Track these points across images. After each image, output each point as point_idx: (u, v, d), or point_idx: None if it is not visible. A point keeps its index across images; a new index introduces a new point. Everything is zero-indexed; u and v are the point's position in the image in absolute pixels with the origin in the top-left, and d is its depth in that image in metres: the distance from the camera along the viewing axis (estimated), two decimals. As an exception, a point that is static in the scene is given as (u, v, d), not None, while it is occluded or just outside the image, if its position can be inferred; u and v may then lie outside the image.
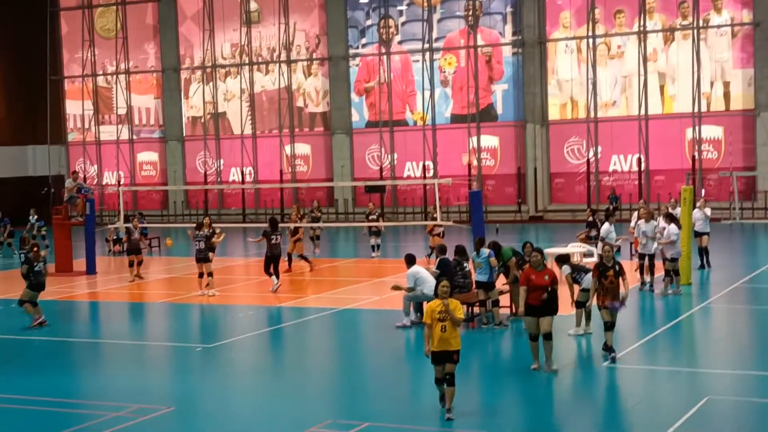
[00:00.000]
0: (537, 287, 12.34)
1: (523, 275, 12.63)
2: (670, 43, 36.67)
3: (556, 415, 11.09)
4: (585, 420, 10.66)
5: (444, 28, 39.86)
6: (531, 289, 12.36)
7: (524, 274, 12.61)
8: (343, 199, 41.07)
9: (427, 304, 9.82)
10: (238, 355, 14.95)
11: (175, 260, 27.86)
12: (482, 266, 15.84)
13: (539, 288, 12.32)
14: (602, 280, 12.75)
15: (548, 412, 11.15)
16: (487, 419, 10.72)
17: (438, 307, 10.44)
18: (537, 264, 12.58)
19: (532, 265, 12.63)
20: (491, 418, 10.82)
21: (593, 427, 10.38)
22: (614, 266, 12.81)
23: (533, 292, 12.35)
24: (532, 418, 10.85)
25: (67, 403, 11.91)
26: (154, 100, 45.13)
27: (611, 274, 12.75)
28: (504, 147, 39.11)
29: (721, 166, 35.50)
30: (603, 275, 12.76)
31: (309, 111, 42.33)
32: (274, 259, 20.55)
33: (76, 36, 45.82)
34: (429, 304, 10.54)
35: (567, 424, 10.62)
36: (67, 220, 25.73)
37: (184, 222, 40.39)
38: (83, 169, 45.40)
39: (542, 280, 12.38)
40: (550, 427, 10.59)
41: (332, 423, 10.59)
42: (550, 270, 12.69)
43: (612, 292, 12.71)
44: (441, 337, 10.41)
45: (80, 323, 18.87)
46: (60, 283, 23.13)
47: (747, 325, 16.15)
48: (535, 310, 12.37)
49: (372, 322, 17.29)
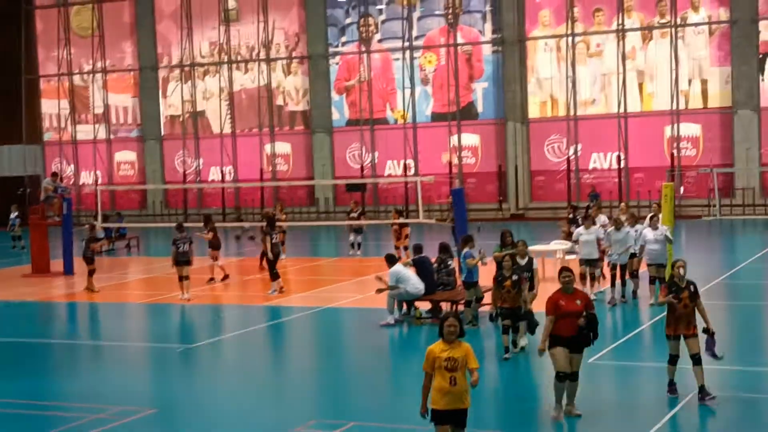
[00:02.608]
0: (568, 314, 10.10)
1: (550, 302, 10.26)
2: (649, 41, 36.82)
3: (539, 411, 11.01)
4: (568, 418, 10.60)
5: (424, 26, 39.81)
6: (560, 317, 10.11)
7: (551, 301, 10.25)
8: (324, 198, 40.92)
9: (428, 348, 8.06)
10: (220, 355, 14.81)
11: (154, 260, 27.62)
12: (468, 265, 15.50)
13: (571, 315, 10.10)
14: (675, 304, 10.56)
15: (532, 407, 11.08)
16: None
17: (444, 353, 8.01)
18: (568, 287, 10.30)
19: (562, 289, 10.31)
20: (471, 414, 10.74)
21: (576, 424, 10.32)
22: (689, 286, 10.60)
23: (563, 320, 10.09)
24: (515, 416, 10.78)
25: (46, 406, 11.72)
26: (132, 99, 44.77)
27: (686, 296, 10.54)
28: (485, 145, 39.11)
29: (700, 164, 35.70)
30: (676, 297, 10.53)
31: (289, 110, 42.14)
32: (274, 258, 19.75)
33: (51, 34, 45.37)
34: (431, 349, 8.07)
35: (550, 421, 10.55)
36: (44, 220, 25.42)
37: (163, 222, 40.09)
38: (60, 168, 44.96)
39: (574, 305, 10.15)
40: (535, 425, 10.53)
41: (317, 423, 10.49)
42: (582, 292, 10.62)
43: (687, 319, 10.55)
44: (449, 391, 7.98)
45: (58, 324, 18.64)
46: (37, 284, 22.85)
47: (727, 321, 16.18)
48: (567, 341, 10.10)
49: (355, 320, 17.19)
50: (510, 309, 13.16)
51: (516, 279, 13.14)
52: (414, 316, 16.17)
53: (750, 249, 25.41)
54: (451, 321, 8.12)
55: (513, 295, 13.14)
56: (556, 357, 10.16)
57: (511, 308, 13.16)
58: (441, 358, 7.98)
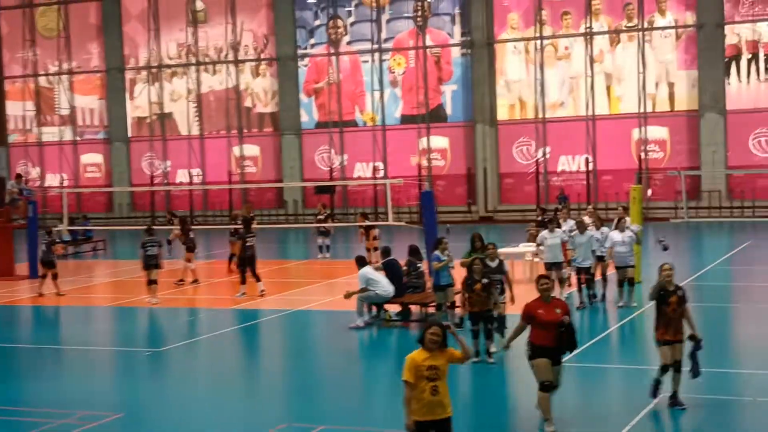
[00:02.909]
0: (547, 324, 9.72)
1: (527, 310, 9.89)
2: (616, 44, 37.11)
3: (512, 413, 11.02)
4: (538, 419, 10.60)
5: (393, 28, 39.82)
6: (539, 327, 9.76)
7: (527, 309, 9.88)
8: (292, 201, 40.77)
9: (407, 357, 7.74)
10: (188, 359, 14.65)
11: (120, 263, 27.33)
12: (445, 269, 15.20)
13: (550, 325, 9.72)
14: (663, 308, 10.35)
15: (503, 411, 11.08)
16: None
17: (426, 361, 7.70)
18: (546, 295, 9.92)
19: (541, 297, 9.94)
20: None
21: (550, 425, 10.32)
22: (677, 291, 10.45)
23: (542, 330, 9.74)
24: (490, 417, 10.76)
25: (11, 411, 11.51)
26: (98, 100, 44.33)
27: (674, 300, 10.37)
28: (454, 147, 39.20)
29: (667, 166, 36.02)
30: (664, 302, 10.34)
31: (257, 111, 41.95)
32: (249, 260, 19.43)
33: (16, 35, 44.81)
34: (411, 357, 7.73)
35: (523, 423, 10.54)
36: (9, 223, 25.04)
37: (130, 225, 39.72)
38: (26, 171, 44.36)
39: (553, 314, 9.78)
40: (505, 427, 10.52)
41: (287, 426, 10.40)
42: (560, 301, 10.25)
43: (675, 325, 10.37)
44: (430, 401, 7.68)
45: (23, 328, 18.36)
46: (1, 288, 22.51)
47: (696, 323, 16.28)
48: (548, 351, 9.74)
49: (325, 323, 17.11)
50: (479, 313, 12.92)
51: (486, 282, 12.89)
52: (383, 319, 16.13)
53: (717, 251, 25.67)
54: (434, 330, 7.75)
55: (483, 299, 12.86)
56: (538, 367, 9.74)
57: (479, 312, 12.92)
58: (423, 367, 7.67)
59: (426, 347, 7.75)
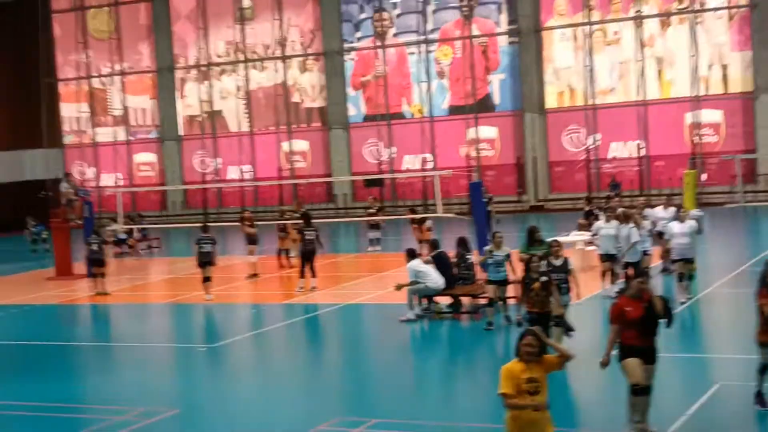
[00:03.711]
0: (636, 322, 8.98)
1: (615, 309, 9.11)
2: (667, 27, 36.49)
3: (569, 407, 10.93)
4: (601, 411, 10.52)
5: (439, 19, 39.66)
6: (628, 326, 8.97)
7: (616, 307, 9.10)
8: (342, 195, 40.91)
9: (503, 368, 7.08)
10: (242, 354, 14.81)
11: (176, 260, 27.71)
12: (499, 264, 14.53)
13: (639, 322, 8.98)
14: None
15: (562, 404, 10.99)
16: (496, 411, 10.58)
17: (524, 373, 6.98)
18: (636, 292, 9.09)
19: (630, 294, 9.15)
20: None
21: (607, 416, 10.23)
22: None
23: (631, 330, 8.95)
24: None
25: (71, 408, 11.77)
26: (150, 100, 44.93)
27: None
28: (503, 137, 38.94)
29: (722, 150, 35.36)
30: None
31: (305, 106, 42.15)
32: (308, 255, 19.45)
33: (69, 38, 45.62)
34: (508, 368, 7.05)
35: (585, 415, 10.46)
36: (66, 223, 25.56)
37: (183, 222, 40.24)
38: (81, 172, 45.26)
39: (640, 310, 9.00)
40: (568, 419, 10.44)
41: (340, 421, 10.45)
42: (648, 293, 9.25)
43: None
44: (530, 420, 6.91)
45: (82, 327, 18.73)
46: (60, 287, 22.99)
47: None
48: (639, 352, 8.99)
49: (376, 317, 17.17)
50: (539, 314, 11.90)
51: (545, 281, 12.01)
52: (434, 311, 16.11)
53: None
54: (529, 340, 7.07)
55: (542, 298, 11.90)
56: (629, 368, 8.97)
57: (540, 313, 11.90)
58: (521, 379, 6.93)
59: (522, 359, 7.07)
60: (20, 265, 28.79)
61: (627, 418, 9.20)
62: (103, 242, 21.36)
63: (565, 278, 12.83)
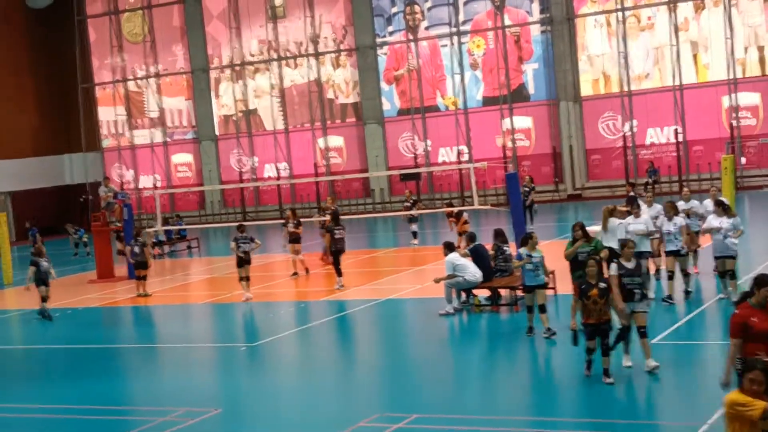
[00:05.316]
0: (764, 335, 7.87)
1: (736, 321, 7.97)
2: (701, 11, 36.00)
3: (613, 397, 10.88)
4: (665, 399, 10.44)
5: (470, 10, 39.50)
6: (753, 339, 7.85)
7: (737, 320, 7.96)
8: (379, 189, 40.96)
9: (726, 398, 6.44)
10: (282, 352, 14.91)
11: (215, 260, 27.95)
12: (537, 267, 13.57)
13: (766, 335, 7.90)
14: None
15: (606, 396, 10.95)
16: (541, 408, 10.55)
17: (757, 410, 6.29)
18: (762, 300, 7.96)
19: (756, 303, 7.99)
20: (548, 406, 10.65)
21: (666, 406, 10.17)
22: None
23: (757, 343, 7.82)
24: (589, 400, 10.66)
25: (114, 410, 11.94)
26: (186, 101, 45.32)
27: None
28: (538, 126, 38.72)
29: (761, 133, 34.83)
30: None
31: (340, 102, 42.24)
32: (338, 253, 19.62)
33: (104, 42, 46.14)
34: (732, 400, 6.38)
35: (631, 405, 10.40)
36: (106, 226, 25.90)
37: (221, 222, 40.57)
38: (120, 174, 45.81)
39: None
40: (610, 410, 10.40)
41: (380, 417, 10.48)
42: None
43: None
44: None
45: (124, 328, 18.97)
46: (102, 289, 23.31)
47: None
48: None
49: (415, 311, 17.18)
50: (595, 325, 10.76)
51: (604, 287, 10.78)
52: (473, 304, 16.10)
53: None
54: (755, 375, 6.34)
55: (600, 307, 10.72)
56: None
57: (596, 324, 10.76)
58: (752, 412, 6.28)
59: (745, 391, 6.41)
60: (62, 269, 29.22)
61: None
62: (144, 244, 21.55)
63: (639, 283, 11.25)
